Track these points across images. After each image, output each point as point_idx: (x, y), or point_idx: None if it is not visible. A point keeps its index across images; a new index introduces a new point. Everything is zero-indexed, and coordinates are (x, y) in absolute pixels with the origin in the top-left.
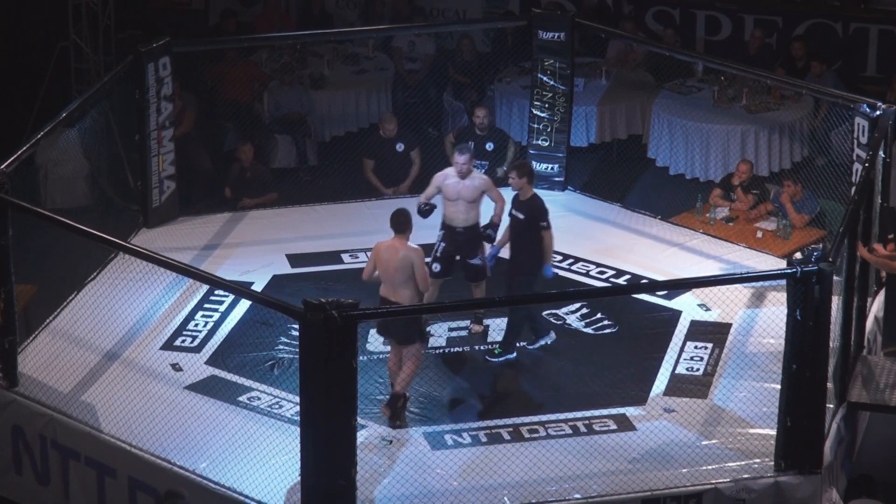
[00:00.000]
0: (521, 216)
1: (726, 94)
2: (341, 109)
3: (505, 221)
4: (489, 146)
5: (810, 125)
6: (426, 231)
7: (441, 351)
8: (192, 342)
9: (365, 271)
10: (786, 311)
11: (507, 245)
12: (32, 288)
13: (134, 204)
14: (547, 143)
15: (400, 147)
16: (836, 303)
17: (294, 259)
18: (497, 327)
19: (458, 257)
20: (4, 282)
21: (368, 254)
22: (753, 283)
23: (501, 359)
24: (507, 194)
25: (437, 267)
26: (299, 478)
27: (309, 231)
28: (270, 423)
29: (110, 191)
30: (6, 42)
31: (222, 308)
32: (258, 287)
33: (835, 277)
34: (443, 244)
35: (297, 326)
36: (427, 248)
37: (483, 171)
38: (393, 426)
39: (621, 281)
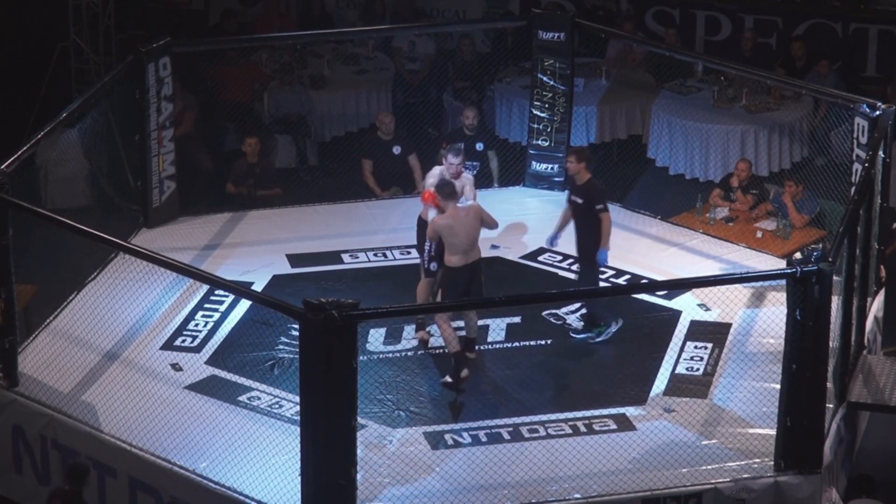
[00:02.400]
0: (579, 200)
1: (726, 94)
2: (341, 109)
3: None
4: (479, 146)
5: (810, 125)
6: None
7: (441, 351)
8: (192, 342)
9: (430, 237)
10: (786, 311)
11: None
12: (32, 288)
13: (134, 204)
14: (547, 143)
15: (397, 150)
16: (836, 303)
17: (294, 259)
18: (497, 327)
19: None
20: (4, 282)
21: (369, 254)
22: (753, 283)
23: (603, 336)
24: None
25: (434, 266)
26: (299, 478)
27: (309, 231)
28: (270, 423)
29: (110, 191)
30: (6, 42)
31: (222, 308)
32: (258, 287)
33: (835, 277)
34: (433, 243)
35: (297, 326)
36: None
37: (475, 171)
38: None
39: (621, 281)
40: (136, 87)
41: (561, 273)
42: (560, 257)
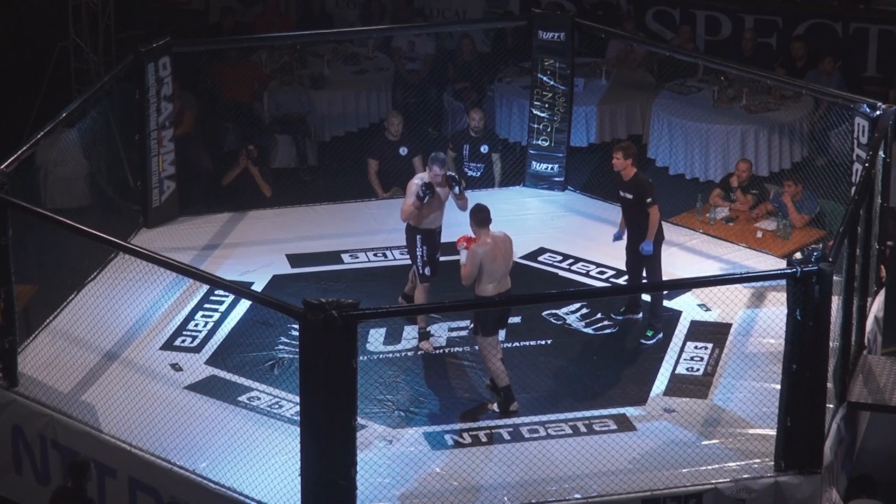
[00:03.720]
0: (629, 196)
1: (726, 94)
2: (341, 109)
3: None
4: (484, 148)
5: (810, 125)
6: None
7: (441, 351)
8: (192, 342)
9: (467, 275)
10: (786, 311)
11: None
12: (32, 288)
13: (134, 204)
14: (547, 143)
15: (403, 151)
16: (836, 303)
17: (294, 259)
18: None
19: (437, 256)
20: (4, 282)
21: (369, 254)
22: (753, 283)
23: (654, 340)
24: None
25: (428, 270)
26: (299, 478)
27: (309, 231)
28: (270, 423)
29: (110, 191)
30: (6, 42)
31: (222, 308)
32: (258, 287)
33: (835, 277)
34: (424, 248)
35: (297, 326)
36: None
37: (479, 173)
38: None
39: (621, 281)
40: (135, 87)
41: (561, 273)
42: (560, 257)
